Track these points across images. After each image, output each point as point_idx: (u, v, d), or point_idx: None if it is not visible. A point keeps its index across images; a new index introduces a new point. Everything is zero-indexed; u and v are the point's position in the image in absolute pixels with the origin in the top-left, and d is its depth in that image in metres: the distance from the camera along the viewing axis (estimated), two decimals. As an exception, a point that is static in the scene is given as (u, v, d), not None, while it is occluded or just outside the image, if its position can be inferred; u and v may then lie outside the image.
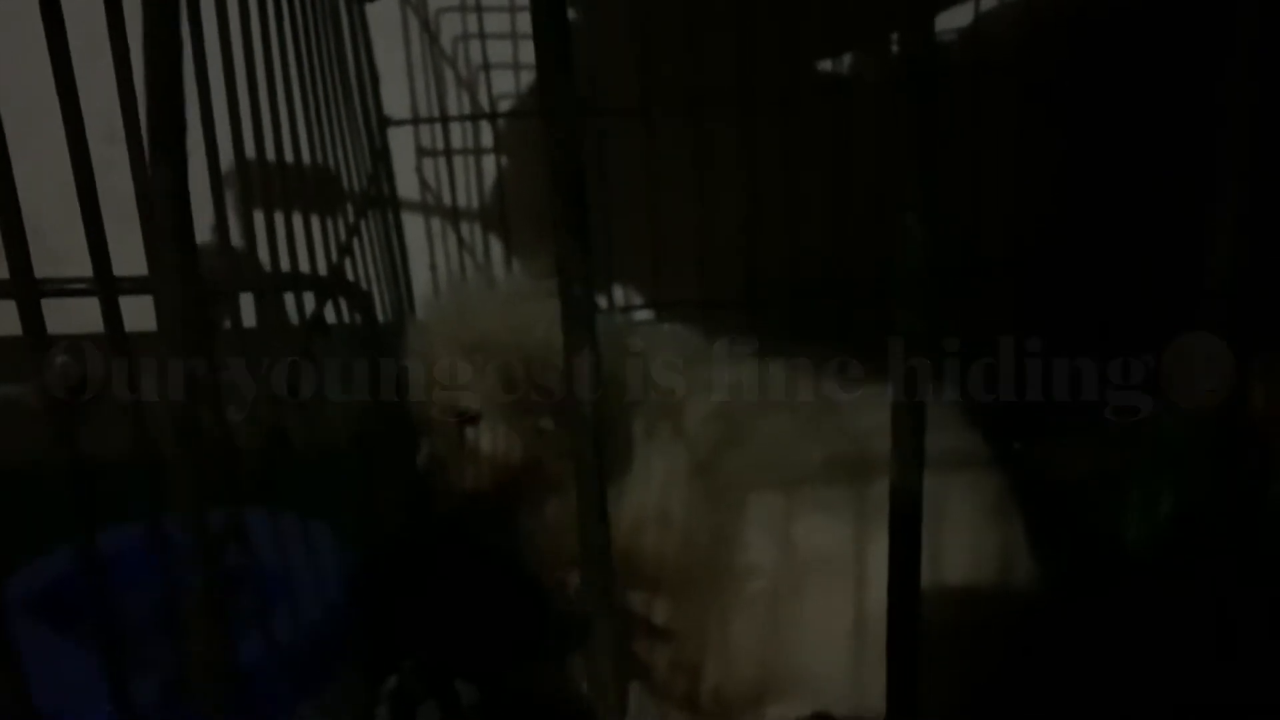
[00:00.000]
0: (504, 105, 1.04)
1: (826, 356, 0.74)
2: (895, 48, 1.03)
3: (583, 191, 0.20)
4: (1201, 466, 0.66)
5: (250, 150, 0.50)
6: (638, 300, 1.07)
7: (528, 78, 1.03)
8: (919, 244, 0.20)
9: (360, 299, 0.72)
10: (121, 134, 0.35)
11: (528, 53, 1.02)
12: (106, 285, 0.28)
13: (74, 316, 0.49)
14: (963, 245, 0.94)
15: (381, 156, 0.94)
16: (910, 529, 0.22)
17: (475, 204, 1.06)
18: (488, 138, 1.05)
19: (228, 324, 0.48)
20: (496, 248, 1.07)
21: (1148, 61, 0.87)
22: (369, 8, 0.91)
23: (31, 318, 0.25)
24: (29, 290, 0.24)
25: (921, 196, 0.20)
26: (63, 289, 0.45)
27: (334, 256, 0.66)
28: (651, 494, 0.69)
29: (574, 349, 0.21)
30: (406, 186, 1.04)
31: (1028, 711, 0.61)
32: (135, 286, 0.30)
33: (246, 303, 0.52)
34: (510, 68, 1.03)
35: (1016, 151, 0.99)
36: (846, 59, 1.03)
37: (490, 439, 0.70)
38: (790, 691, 0.65)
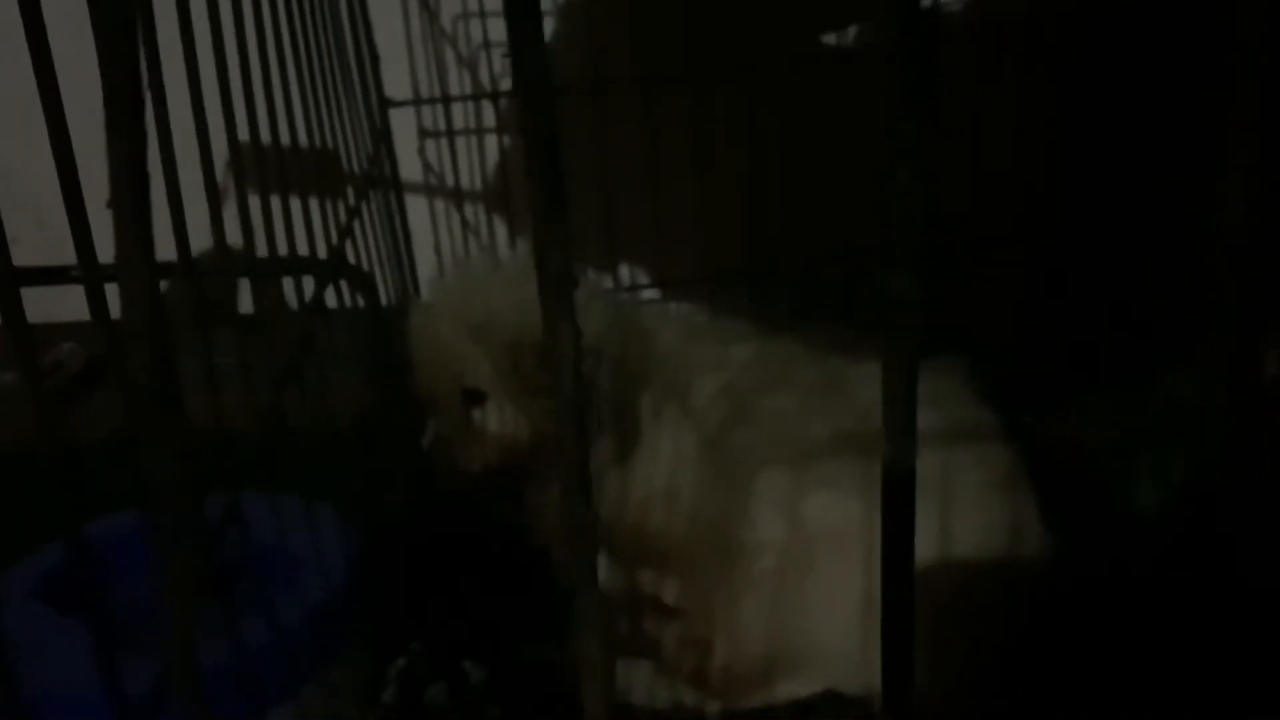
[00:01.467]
0: (505, 84, 1.03)
1: (832, 332, 0.73)
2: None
3: (558, 164, 0.20)
4: (1214, 433, 0.65)
5: (248, 133, 0.50)
6: (643, 279, 1.07)
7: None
8: (912, 203, 0.19)
9: (362, 281, 0.71)
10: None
11: (529, 30, 1.01)
12: (91, 272, 0.28)
13: (71, 305, 0.50)
14: (970, 215, 0.93)
15: (383, 138, 0.93)
16: (904, 493, 0.22)
17: (478, 184, 1.06)
18: (490, 117, 1.04)
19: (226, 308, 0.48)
20: (500, 228, 1.07)
21: (1155, 27, 0.86)
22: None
23: (11, 307, 0.24)
24: (7, 278, 0.24)
25: (915, 153, 0.19)
26: (50, 278, 0.45)
27: (334, 239, 0.66)
28: (660, 472, 0.69)
29: (553, 323, 0.21)
30: (409, 168, 1.04)
31: (1041, 681, 0.61)
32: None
33: (245, 287, 0.52)
34: (512, 46, 1.02)
35: (1024, 117, 0.98)
36: (850, 32, 1.02)
37: (497, 419, 0.70)
38: (799, 668, 0.65)
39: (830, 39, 1.02)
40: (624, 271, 1.07)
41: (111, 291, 0.30)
